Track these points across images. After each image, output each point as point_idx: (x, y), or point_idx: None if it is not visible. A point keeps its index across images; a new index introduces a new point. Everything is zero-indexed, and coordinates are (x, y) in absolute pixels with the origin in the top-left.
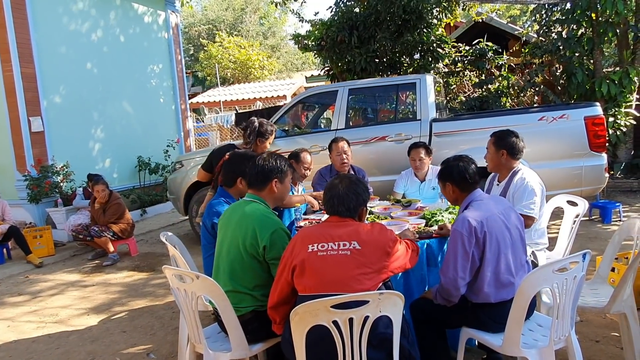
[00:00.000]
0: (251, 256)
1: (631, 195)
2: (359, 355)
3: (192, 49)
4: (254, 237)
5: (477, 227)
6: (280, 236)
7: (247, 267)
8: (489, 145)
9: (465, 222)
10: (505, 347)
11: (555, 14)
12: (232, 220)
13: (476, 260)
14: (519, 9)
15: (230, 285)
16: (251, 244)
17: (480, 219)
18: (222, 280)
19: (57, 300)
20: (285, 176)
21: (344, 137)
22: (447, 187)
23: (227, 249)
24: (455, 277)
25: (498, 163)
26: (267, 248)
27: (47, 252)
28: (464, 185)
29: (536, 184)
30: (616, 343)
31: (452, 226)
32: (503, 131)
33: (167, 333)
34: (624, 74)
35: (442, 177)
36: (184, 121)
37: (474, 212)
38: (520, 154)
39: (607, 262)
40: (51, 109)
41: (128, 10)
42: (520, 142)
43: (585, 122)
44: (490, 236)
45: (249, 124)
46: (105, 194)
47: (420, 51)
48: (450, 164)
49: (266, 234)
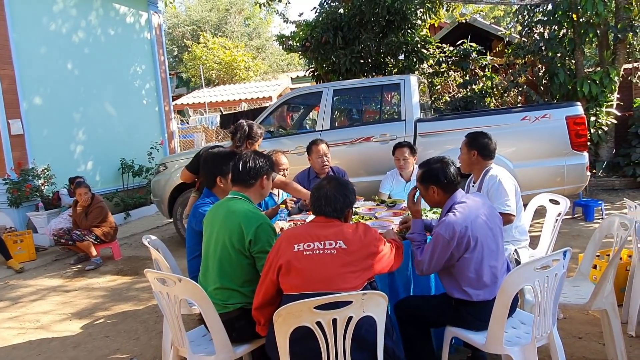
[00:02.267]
0: (238, 252)
1: (613, 194)
2: (343, 355)
3: (176, 50)
4: (240, 233)
5: (462, 231)
6: (265, 230)
7: (235, 263)
8: (462, 146)
9: (450, 227)
10: (489, 345)
11: (537, 15)
12: (217, 218)
13: (455, 258)
14: (502, 10)
15: (219, 283)
16: (238, 240)
17: (466, 223)
18: (211, 278)
19: (39, 305)
20: (271, 172)
21: (323, 140)
22: (431, 190)
23: (214, 247)
24: (428, 269)
25: (470, 163)
26: (252, 242)
27: (28, 257)
28: (449, 187)
29: (507, 180)
30: (598, 339)
31: (436, 229)
32: (475, 132)
33: (151, 337)
34: (604, 74)
35: (424, 181)
36: (168, 123)
37: (459, 216)
38: (493, 155)
39: (588, 260)
40: (31, 111)
41: (109, 10)
42: (492, 143)
43: (567, 122)
44: (474, 240)
45: (238, 127)
46: (87, 197)
47: (404, 52)
48: (433, 166)
49: (251, 228)
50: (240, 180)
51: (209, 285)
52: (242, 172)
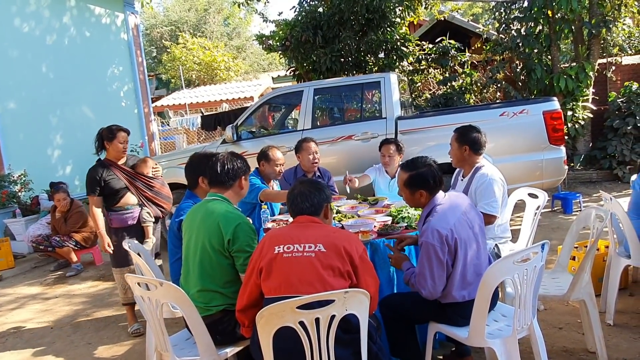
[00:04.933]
0: (218, 252)
1: (590, 186)
2: (326, 354)
3: (155, 51)
4: (218, 233)
5: (447, 234)
6: (243, 229)
7: (215, 264)
8: (452, 141)
9: (434, 232)
10: (471, 339)
11: (514, 12)
12: (196, 220)
13: (450, 266)
14: (480, 7)
15: (200, 285)
16: (217, 241)
17: (449, 226)
18: (193, 281)
19: (18, 314)
20: (248, 173)
21: (312, 138)
22: (418, 194)
23: (194, 249)
24: (434, 286)
25: (461, 158)
26: (231, 241)
27: (6, 265)
28: (435, 190)
29: (498, 181)
30: (578, 329)
31: (422, 238)
32: (465, 127)
33: (135, 343)
34: (580, 69)
35: (413, 185)
36: (148, 125)
37: (441, 220)
38: (483, 149)
39: (566, 251)
40: (6, 115)
41: (84, 11)
42: (483, 137)
43: (544, 117)
44: (460, 241)
45: None
46: (66, 203)
47: (384, 50)
48: (422, 170)
49: (230, 228)
50: (218, 181)
51: (190, 288)
52: (220, 173)
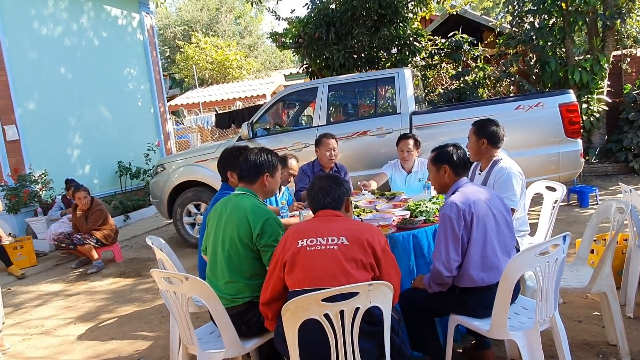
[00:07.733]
0: (246, 246)
1: (606, 179)
2: (351, 346)
3: (168, 50)
4: (247, 227)
5: (465, 209)
6: (271, 224)
7: (242, 257)
8: (470, 135)
9: (453, 205)
10: (493, 331)
11: (527, 5)
12: (224, 213)
13: (465, 242)
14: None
15: (229, 277)
16: (245, 234)
17: (468, 202)
18: (220, 272)
19: (42, 311)
20: (275, 170)
21: (333, 134)
22: (442, 170)
23: (222, 242)
24: (448, 259)
25: (479, 152)
26: (259, 235)
27: (29, 263)
28: (460, 169)
29: (516, 174)
30: (598, 322)
31: (440, 210)
32: (484, 120)
33: (158, 337)
34: (594, 61)
35: (438, 160)
36: (164, 124)
37: (461, 196)
38: (501, 143)
39: (586, 244)
40: (26, 117)
41: (101, 13)
42: (501, 130)
43: (560, 109)
44: (477, 218)
45: None
46: (87, 201)
47: (397, 45)
48: (447, 148)
49: (259, 222)
50: (243, 176)
51: (218, 279)
52: (244, 169)
